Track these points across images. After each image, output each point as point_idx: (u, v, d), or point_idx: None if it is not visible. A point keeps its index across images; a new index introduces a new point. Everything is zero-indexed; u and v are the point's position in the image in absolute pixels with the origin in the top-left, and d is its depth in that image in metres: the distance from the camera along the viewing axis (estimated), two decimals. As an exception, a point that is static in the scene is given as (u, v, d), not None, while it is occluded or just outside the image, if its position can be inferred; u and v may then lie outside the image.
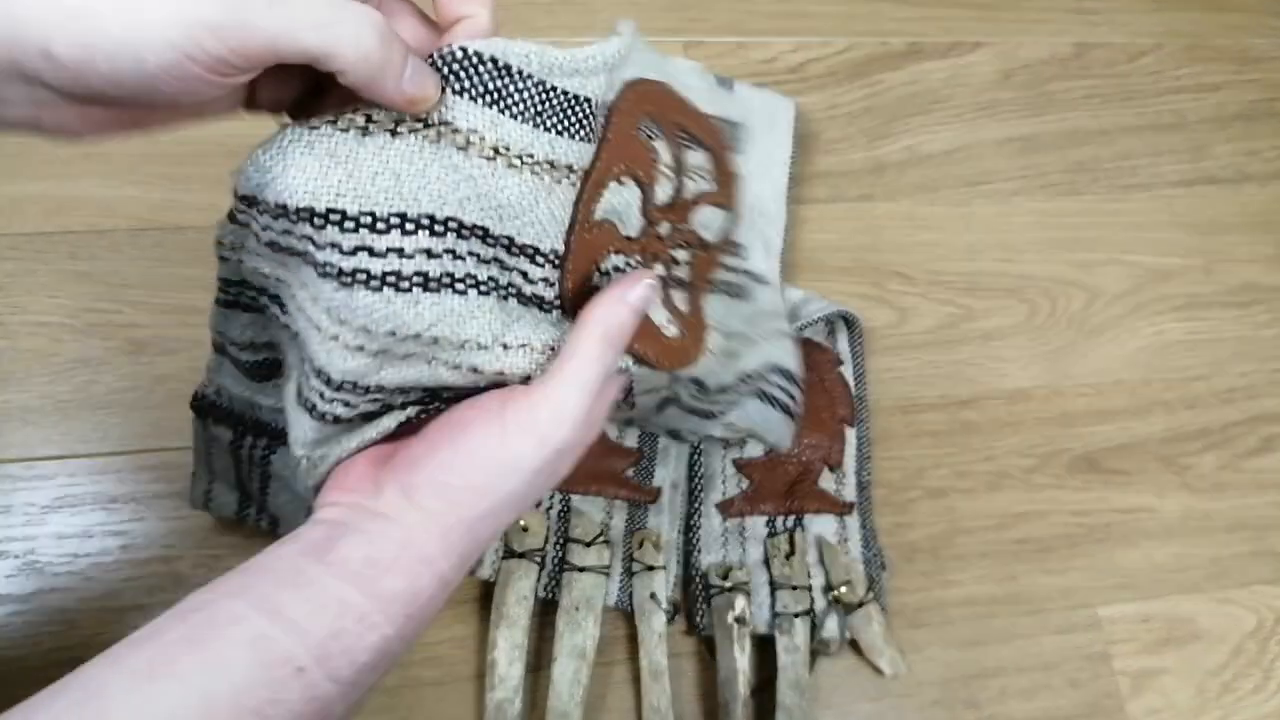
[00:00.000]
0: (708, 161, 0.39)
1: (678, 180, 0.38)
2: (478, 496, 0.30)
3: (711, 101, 0.42)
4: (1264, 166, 0.80)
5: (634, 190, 0.36)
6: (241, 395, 0.50)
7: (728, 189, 0.41)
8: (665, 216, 0.38)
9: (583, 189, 0.33)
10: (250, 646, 0.27)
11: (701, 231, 0.40)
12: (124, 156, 0.64)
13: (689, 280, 0.39)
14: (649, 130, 0.36)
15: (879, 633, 0.56)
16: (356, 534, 0.30)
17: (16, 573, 0.53)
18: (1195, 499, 0.66)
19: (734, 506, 0.59)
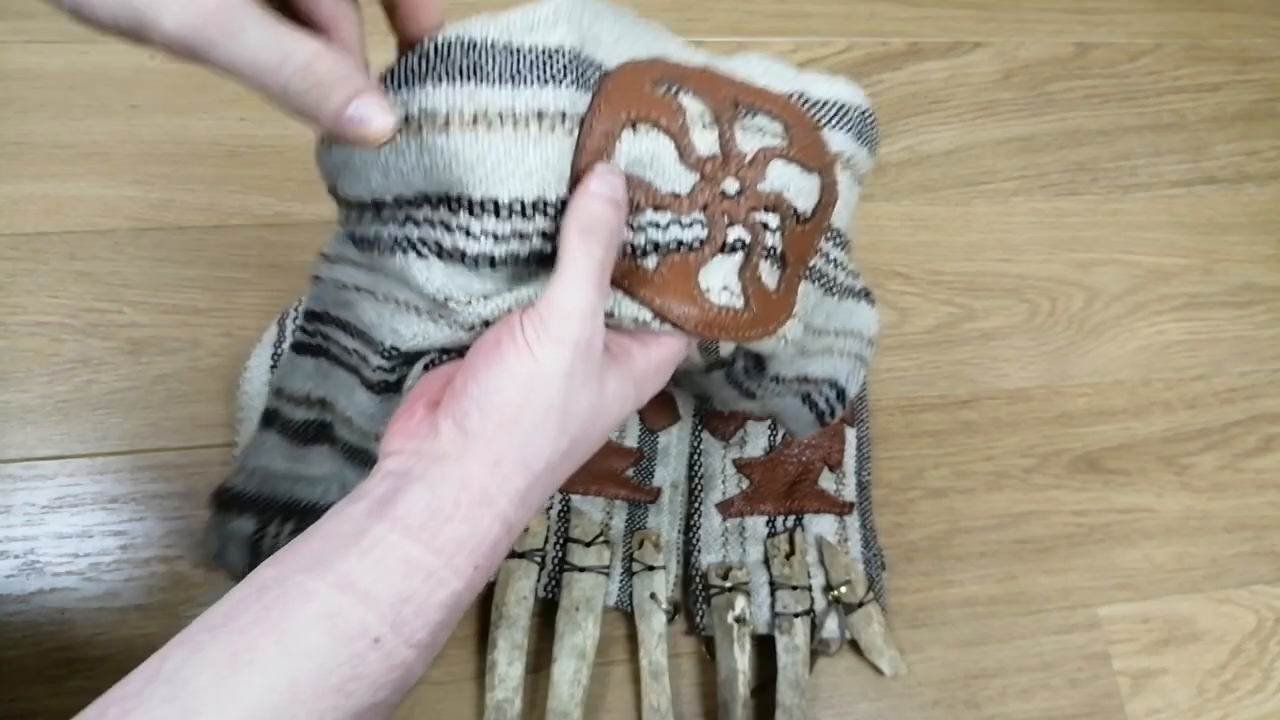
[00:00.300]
0: (777, 125, 0.37)
1: (725, 131, 0.36)
2: (518, 409, 0.31)
3: (789, 81, 0.40)
4: (1264, 167, 0.80)
5: (660, 139, 0.34)
6: (281, 470, 0.51)
7: (811, 153, 0.38)
8: (727, 171, 0.36)
9: (583, 137, 0.33)
10: (326, 624, 0.27)
11: (789, 195, 0.37)
12: (124, 156, 0.64)
13: (784, 254, 0.37)
14: (667, 88, 0.35)
15: (879, 633, 0.56)
16: (418, 483, 0.30)
17: (16, 572, 0.53)
18: (1195, 499, 0.66)
19: (734, 506, 0.59)
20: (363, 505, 0.30)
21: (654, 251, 0.35)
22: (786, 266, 0.37)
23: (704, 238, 0.35)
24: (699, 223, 0.35)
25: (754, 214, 0.36)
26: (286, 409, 0.51)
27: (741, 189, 0.36)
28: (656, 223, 0.34)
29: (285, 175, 0.64)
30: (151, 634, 0.53)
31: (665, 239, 0.35)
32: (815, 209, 0.38)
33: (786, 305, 0.37)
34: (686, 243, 0.35)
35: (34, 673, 0.52)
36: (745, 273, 0.36)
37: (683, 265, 0.35)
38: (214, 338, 0.60)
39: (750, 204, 0.36)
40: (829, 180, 0.38)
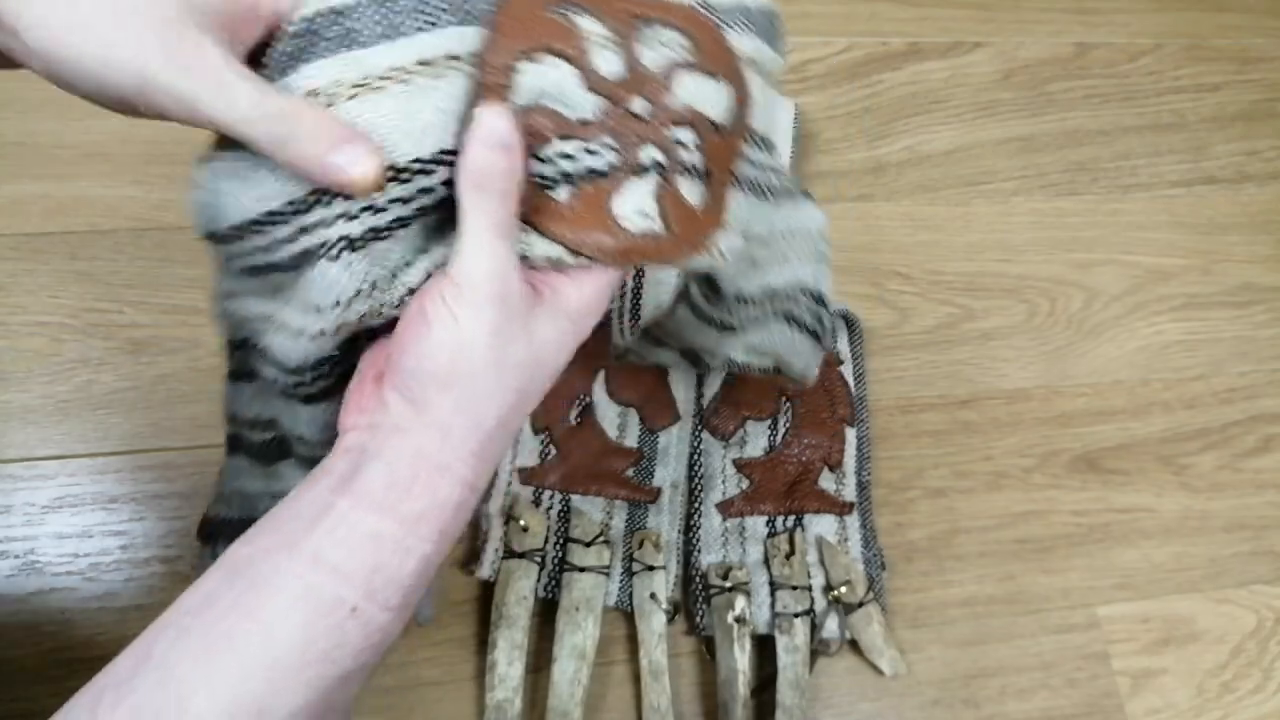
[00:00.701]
0: (679, 36, 0.36)
1: (627, 49, 0.35)
2: (455, 376, 0.31)
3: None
4: (1263, 167, 0.80)
5: (562, 66, 0.33)
6: (257, 491, 0.51)
7: (718, 60, 0.36)
8: (634, 91, 0.34)
9: (480, 74, 0.32)
10: (301, 600, 0.29)
11: (702, 108, 0.36)
12: (125, 157, 0.64)
13: (706, 169, 0.36)
14: (562, 10, 0.34)
15: (879, 633, 0.56)
16: (375, 459, 0.31)
17: (16, 572, 0.53)
18: (1194, 499, 0.67)
19: (734, 506, 0.59)
20: (326, 482, 0.31)
21: (564, 182, 0.33)
22: (711, 180, 0.36)
23: (615, 163, 0.34)
24: (609, 147, 0.34)
25: (666, 132, 0.35)
26: (244, 433, 0.51)
27: (651, 108, 0.35)
28: (565, 153, 0.33)
29: (285, 175, 0.64)
30: (152, 634, 0.53)
31: (575, 169, 0.33)
32: (732, 117, 0.36)
33: (715, 219, 0.36)
34: (598, 170, 0.34)
35: (34, 673, 0.52)
36: (662, 194, 0.35)
37: (595, 194, 0.34)
38: (214, 338, 0.60)
39: (661, 122, 0.35)
40: (740, 85, 0.37)
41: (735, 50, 0.37)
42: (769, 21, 0.39)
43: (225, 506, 0.51)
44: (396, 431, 0.31)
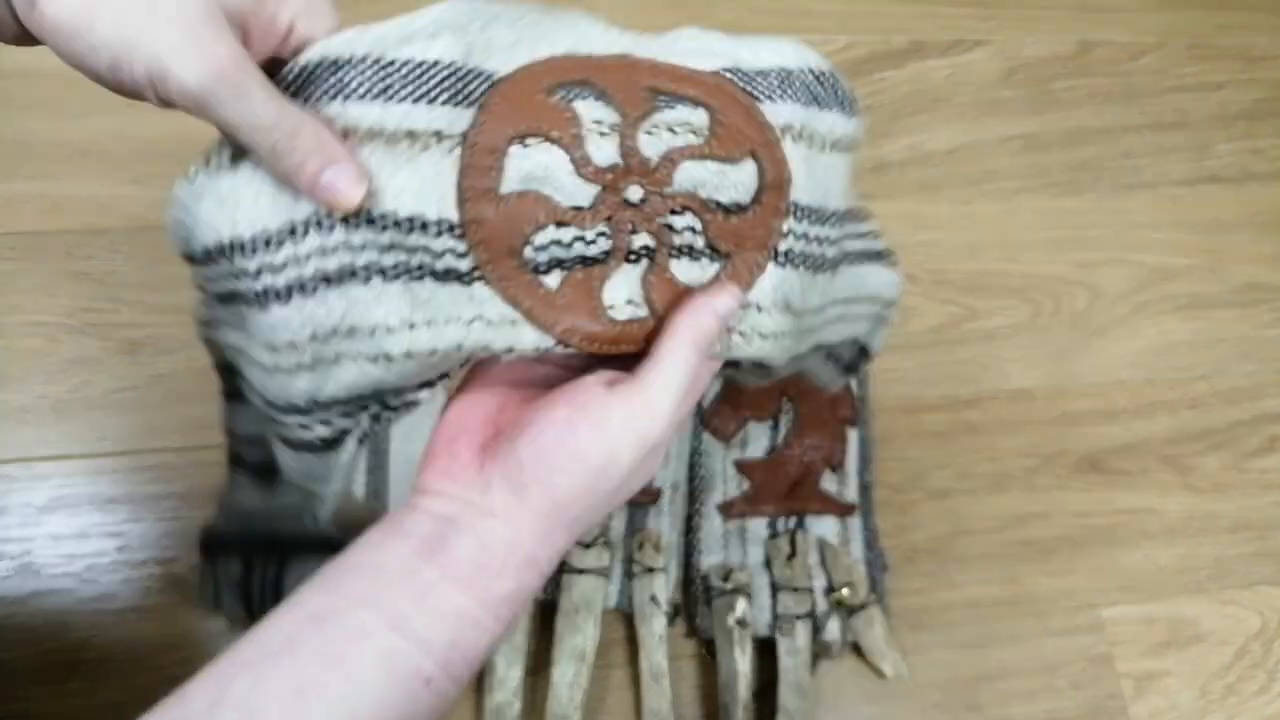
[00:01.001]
0: (699, 114, 0.35)
1: (626, 137, 0.34)
2: (582, 494, 0.32)
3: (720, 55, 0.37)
4: (1267, 165, 0.79)
5: (552, 152, 0.33)
6: (257, 507, 0.51)
7: (738, 139, 0.35)
8: (630, 179, 0.34)
9: (466, 156, 0.32)
10: (384, 662, 0.29)
11: (703, 192, 0.35)
12: (121, 155, 0.63)
13: (714, 248, 0.35)
14: (563, 93, 0.33)
15: (881, 635, 0.56)
16: (467, 534, 0.31)
17: (12, 574, 0.53)
18: (1199, 499, 0.66)
19: (735, 508, 0.59)
20: (410, 544, 0.31)
21: (557, 267, 0.33)
22: (726, 258, 0.35)
23: (608, 250, 0.34)
24: (604, 235, 0.34)
25: (660, 218, 0.34)
26: (243, 449, 0.51)
27: (645, 196, 0.34)
28: (559, 240, 0.33)
29: (283, 174, 0.64)
30: (149, 635, 0.53)
31: (569, 256, 0.33)
32: (755, 194, 0.36)
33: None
34: (590, 257, 0.34)
35: (31, 674, 0.52)
36: (649, 278, 0.34)
37: (585, 281, 0.34)
38: (212, 337, 0.59)
39: (656, 209, 0.34)
40: (768, 161, 0.36)
41: (766, 123, 0.36)
42: (818, 83, 0.38)
43: (226, 520, 0.51)
44: (492, 517, 0.32)
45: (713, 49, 0.36)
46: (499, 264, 0.33)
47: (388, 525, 0.32)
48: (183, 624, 0.53)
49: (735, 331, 0.35)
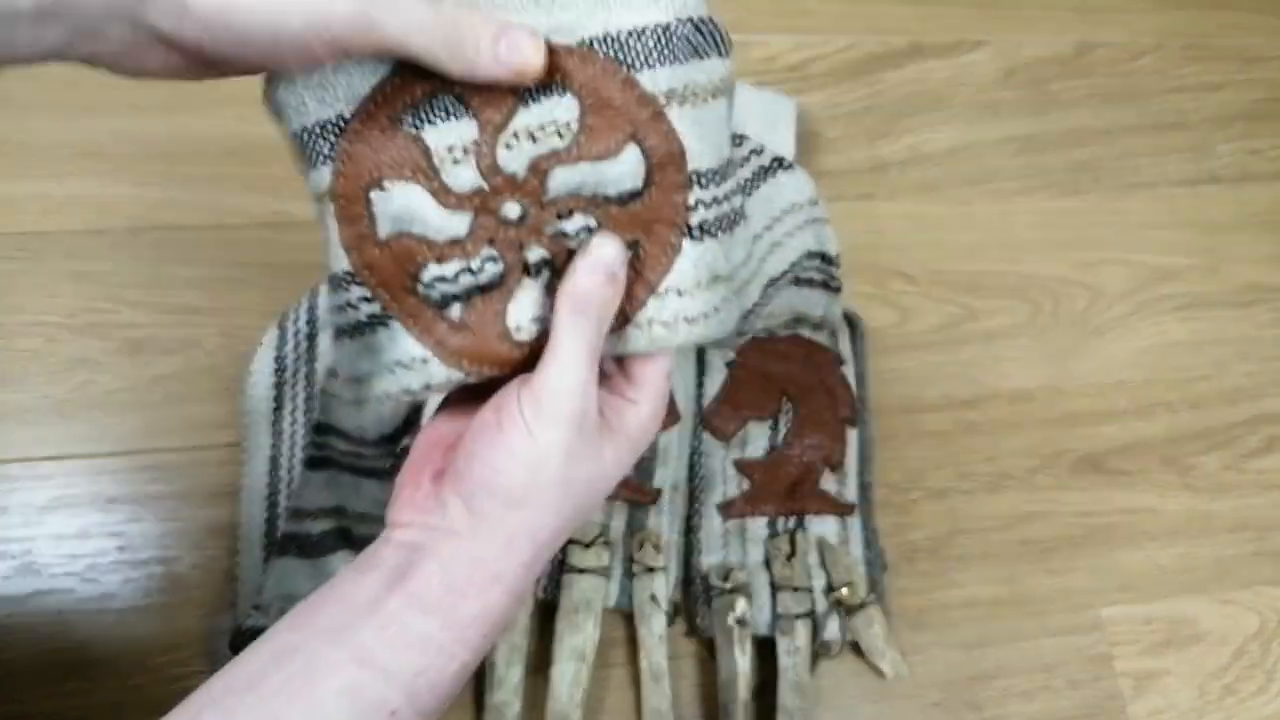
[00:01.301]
0: (570, 103, 0.33)
1: (483, 157, 0.32)
2: (524, 489, 0.32)
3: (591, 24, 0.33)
4: (1266, 166, 0.79)
5: (409, 190, 0.32)
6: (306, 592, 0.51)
7: (612, 126, 0.33)
8: (502, 197, 0.32)
9: (338, 210, 0.32)
10: (348, 696, 0.29)
11: (586, 191, 0.33)
12: (122, 155, 0.63)
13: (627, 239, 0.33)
14: (412, 118, 0.32)
15: (880, 634, 0.56)
16: (432, 558, 0.31)
17: (14, 574, 0.53)
18: (1198, 499, 0.66)
19: (735, 507, 0.59)
20: (377, 575, 0.31)
21: (454, 300, 0.33)
22: (633, 246, 0.33)
23: (501, 272, 0.33)
24: (490, 260, 0.32)
25: (548, 228, 0.33)
26: (306, 526, 0.53)
27: (523, 211, 0.33)
28: (443, 276, 0.32)
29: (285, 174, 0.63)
30: (149, 635, 0.53)
31: (460, 289, 0.33)
32: (646, 176, 0.33)
33: (639, 289, 0.34)
34: (484, 285, 0.33)
35: (31, 674, 0.52)
36: (553, 289, 0.33)
37: (486, 309, 0.33)
38: (212, 338, 0.60)
39: (540, 220, 0.33)
40: (654, 138, 0.33)
41: (646, 94, 0.33)
42: (698, 34, 0.34)
43: (264, 616, 0.51)
44: (454, 535, 0.32)
45: (580, 12, 0.33)
46: (402, 302, 0.33)
47: (360, 560, 0.32)
48: (184, 624, 0.53)
49: (656, 323, 0.34)
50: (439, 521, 0.32)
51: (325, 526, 0.53)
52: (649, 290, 0.33)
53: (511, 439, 0.31)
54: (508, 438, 0.31)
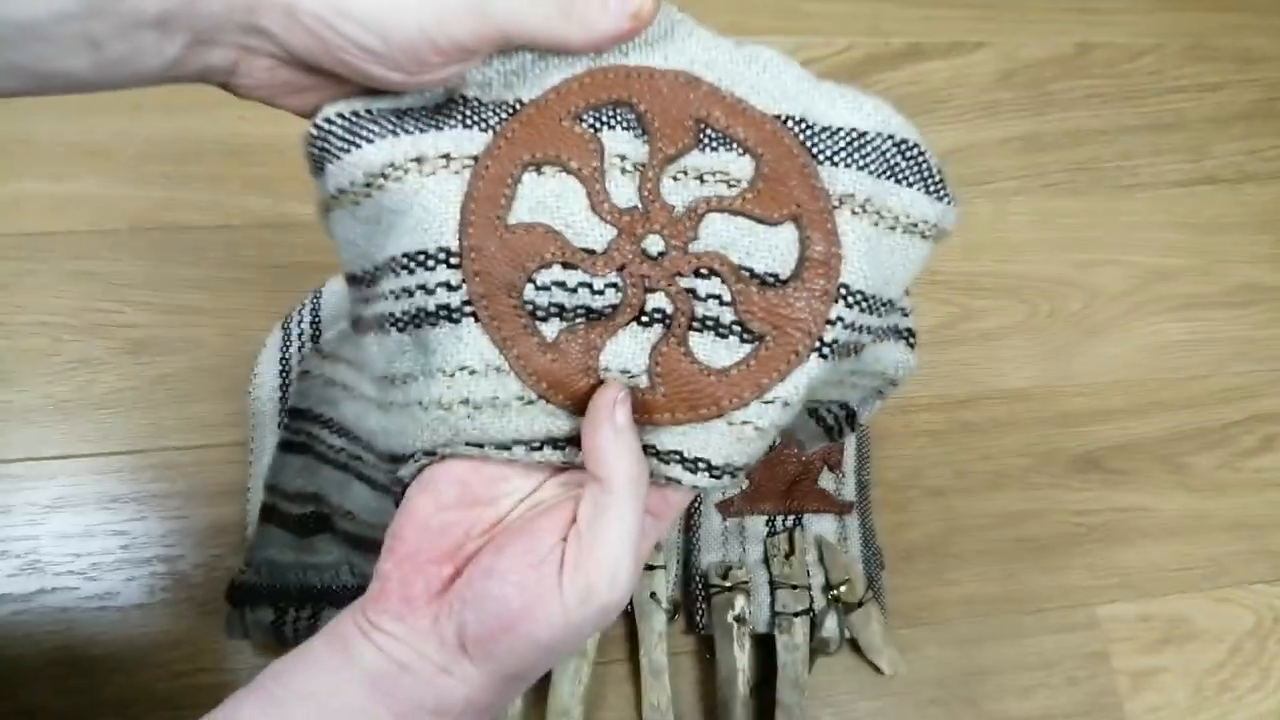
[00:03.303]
0: (744, 161, 0.31)
1: (646, 177, 0.31)
2: (538, 660, 0.30)
3: (791, 98, 0.32)
4: (1264, 166, 0.80)
5: (565, 181, 0.30)
6: (288, 561, 0.52)
7: (781, 199, 0.31)
8: (649, 227, 0.31)
9: (474, 179, 0.30)
10: None
11: (733, 255, 0.31)
12: (125, 155, 0.64)
13: (743, 325, 0.31)
14: (593, 118, 0.31)
15: (878, 632, 0.57)
16: (423, 686, 0.29)
17: (18, 572, 0.53)
18: (1194, 498, 0.67)
19: (733, 506, 0.59)
20: (361, 678, 0.29)
21: (557, 316, 0.30)
22: (759, 340, 0.31)
23: (616, 304, 0.30)
24: (613, 286, 0.30)
25: (680, 279, 0.30)
26: (283, 505, 0.53)
27: (665, 249, 0.30)
28: (563, 282, 0.30)
29: (286, 175, 0.64)
30: (152, 633, 0.53)
31: (572, 303, 0.30)
32: (796, 267, 0.31)
33: (745, 386, 0.31)
34: (596, 310, 0.30)
35: (35, 672, 0.52)
36: (661, 348, 0.30)
37: (585, 337, 0.30)
38: (215, 337, 0.60)
39: (676, 267, 0.30)
40: (815, 231, 0.31)
41: (821, 187, 0.31)
42: (897, 154, 0.33)
43: (255, 574, 0.52)
44: (448, 675, 0.29)
45: (786, 88, 0.32)
46: (494, 300, 0.30)
47: (339, 644, 0.29)
48: (187, 622, 0.54)
49: (751, 426, 0.31)
50: (432, 653, 0.29)
51: (304, 510, 0.53)
52: (758, 392, 0.31)
53: (539, 619, 0.28)
54: (535, 616, 0.28)
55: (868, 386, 0.39)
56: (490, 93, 0.31)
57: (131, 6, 0.25)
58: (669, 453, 0.31)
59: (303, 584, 0.52)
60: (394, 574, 0.30)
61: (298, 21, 0.27)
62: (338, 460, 0.52)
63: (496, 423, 0.30)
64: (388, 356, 0.32)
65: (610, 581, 0.28)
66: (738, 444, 0.31)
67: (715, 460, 0.31)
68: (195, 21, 0.26)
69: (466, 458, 0.31)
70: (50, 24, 0.25)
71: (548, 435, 0.31)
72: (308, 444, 0.53)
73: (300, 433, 0.53)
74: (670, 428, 0.31)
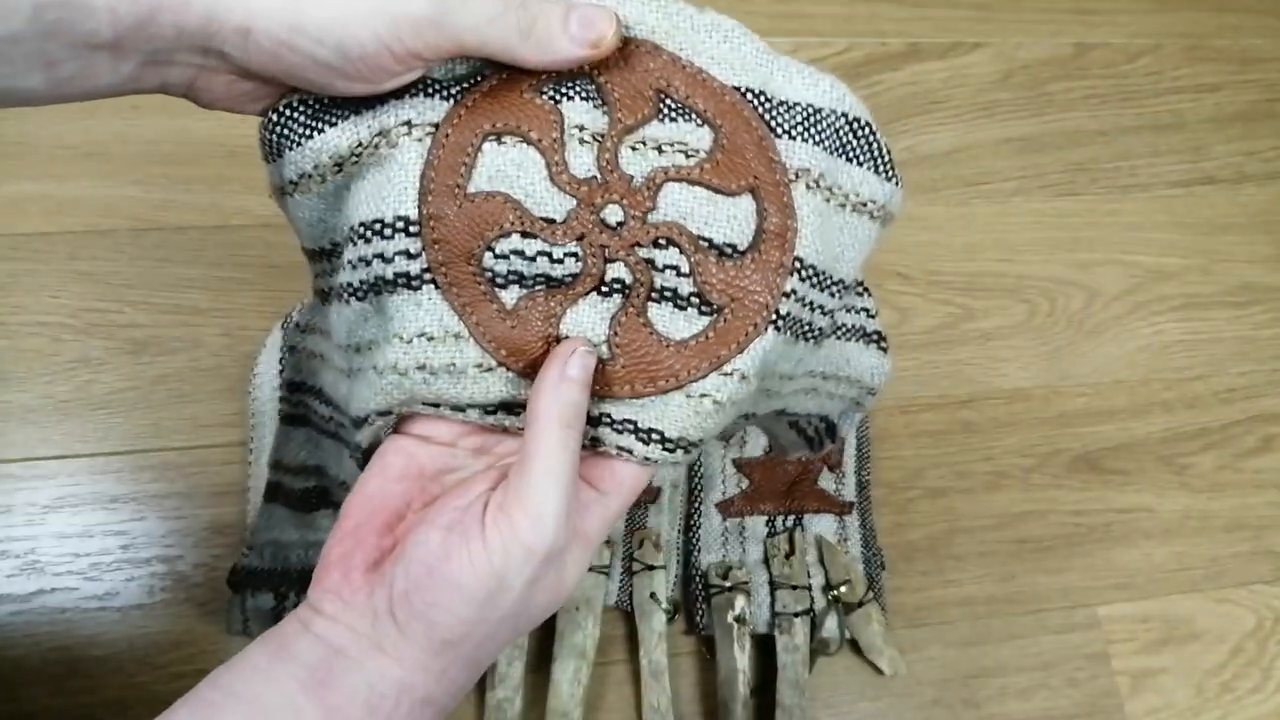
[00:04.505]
0: (703, 132, 0.31)
1: (604, 148, 0.31)
2: (471, 625, 0.28)
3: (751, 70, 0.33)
4: (1263, 167, 0.80)
5: (525, 151, 0.30)
6: (292, 539, 0.52)
7: (739, 170, 0.31)
8: (609, 197, 0.31)
9: (435, 147, 0.30)
10: None
11: (691, 225, 0.31)
12: (124, 156, 0.64)
13: (703, 296, 0.31)
14: (553, 89, 0.31)
15: (878, 632, 0.56)
16: (356, 671, 0.28)
17: (17, 572, 0.53)
18: (1194, 499, 0.67)
19: (734, 506, 0.59)
20: (296, 674, 0.28)
21: (516, 283, 0.30)
22: (718, 312, 0.31)
23: (576, 273, 0.30)
24: (573, 256, 0.30)
25: (642, 250, 0.31)
26: (287, 480, 0.53)
27: (624, 219, 0.31)
28: (521, 251, 0.30)
29: (285, 175, 0.64)
30: (152, 633, 0.53)
31: (531, 271, 0.30)
32: (753, 238, 0.31)
33: (704, 358, 0.31)
34: (555, 279, 0.30)
35: (34, 672, 0.52)
36: (620, 318, 0.31)
37: (545, 304, 0.30)
38: (215, 337, 0.60)
39: (635, 237, 0.31)
40: (771, 203, 0.31)
41: (778, 160, 0.32)
42: (849, 132, 0.33)
43: (257, 556, 0.52)
44: (382, 653, 0.28)
45: (745, 61, 0.33)
46: (453, 267, 0.30)
47: (275, 643, 0.29)
48: (186, 622, 0.54)
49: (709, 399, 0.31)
50: (366, 629, 0.28)
51: (308, 484, 0.53)
52: (715, 365, 0.31)
53: (464, 569, 0.27)
54: (460, 566, 0.27)
55: (846, 397, 0.39)
56: (454, 69, 0.31)
57: (85, 30, 0.25)
58: (622, 421, 0.31)
59: (304, 565, 0.52)
60: (335, 549, 0.30)
61: (254, 43, 0.27)
62: (328, 429, 0.52)
63: (452, 389, 0.30)
64: (348, 325, 0.32)
65: (534, 521, 0.27)
66: (695, 417, 0.31)
67: (670, 432, 0.31)
68: (148, 44, 0.27)
69: (425, 421, 0.31)
70: (4, 44, 0.25)
71: (502, 401, 0.31)
72: (306, 415, 0.53)
73: (299, 405, 0.53)
74: (628, 400, 0.31)
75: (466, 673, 0.30)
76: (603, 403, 0.31)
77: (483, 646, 0.29)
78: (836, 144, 0.33)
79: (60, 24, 0.25)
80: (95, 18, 0.25)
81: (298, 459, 0.53)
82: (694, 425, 0.31)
